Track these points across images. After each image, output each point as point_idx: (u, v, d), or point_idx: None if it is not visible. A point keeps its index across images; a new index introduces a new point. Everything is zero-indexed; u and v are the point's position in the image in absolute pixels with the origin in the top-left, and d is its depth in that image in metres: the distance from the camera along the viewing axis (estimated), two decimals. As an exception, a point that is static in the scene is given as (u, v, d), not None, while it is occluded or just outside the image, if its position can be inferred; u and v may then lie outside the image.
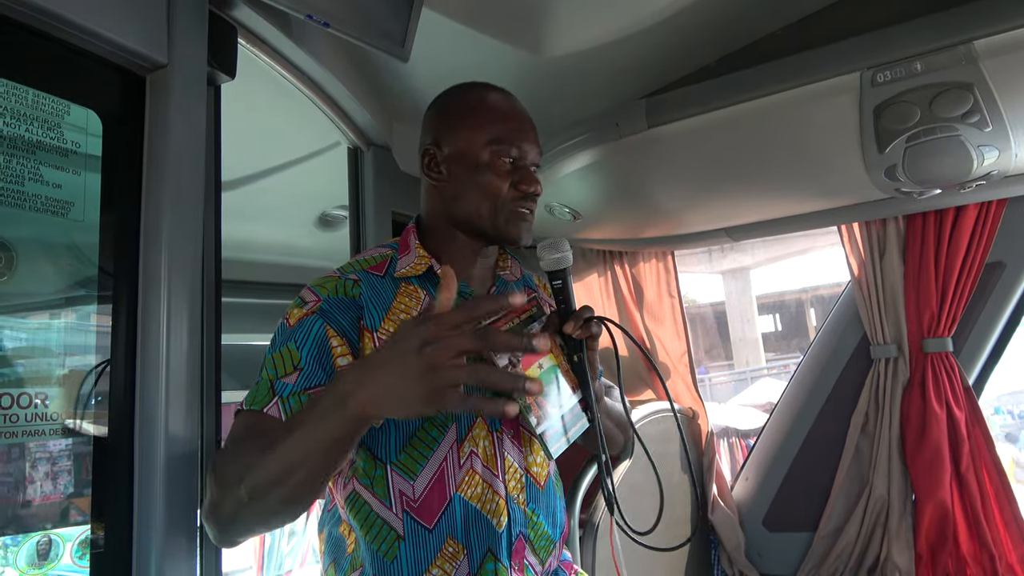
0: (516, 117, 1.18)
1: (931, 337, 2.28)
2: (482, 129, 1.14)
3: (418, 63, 1.58)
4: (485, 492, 1.08)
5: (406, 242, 1.19)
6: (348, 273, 1.13)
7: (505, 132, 1.14)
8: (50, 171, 1.01)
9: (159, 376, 1.08)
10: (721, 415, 7.22)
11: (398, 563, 1.04)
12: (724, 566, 2.63)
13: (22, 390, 0.96)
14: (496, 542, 1.07)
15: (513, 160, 1.14)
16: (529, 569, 1.12)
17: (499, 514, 1.08)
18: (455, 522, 1.06)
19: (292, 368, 1.02)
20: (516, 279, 1.28)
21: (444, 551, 1.05)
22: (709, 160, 1.99)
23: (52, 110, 1.02)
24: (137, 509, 1.06)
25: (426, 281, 1.15)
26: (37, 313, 1.04)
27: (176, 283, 1.10)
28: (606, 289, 2.96)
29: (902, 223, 2.35)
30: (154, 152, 1.13)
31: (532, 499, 1.14)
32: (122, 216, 1.10)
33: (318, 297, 1.08)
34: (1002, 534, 2.17)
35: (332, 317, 1.06)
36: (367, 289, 1.10)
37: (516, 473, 1.12)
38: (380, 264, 1.16)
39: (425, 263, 1.15)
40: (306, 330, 1.04)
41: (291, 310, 1.09)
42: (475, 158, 1.14)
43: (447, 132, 1.17)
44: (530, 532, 1.12)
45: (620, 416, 1.30)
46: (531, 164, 1.17)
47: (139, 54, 1.10)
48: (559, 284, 1.09)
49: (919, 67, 1.56)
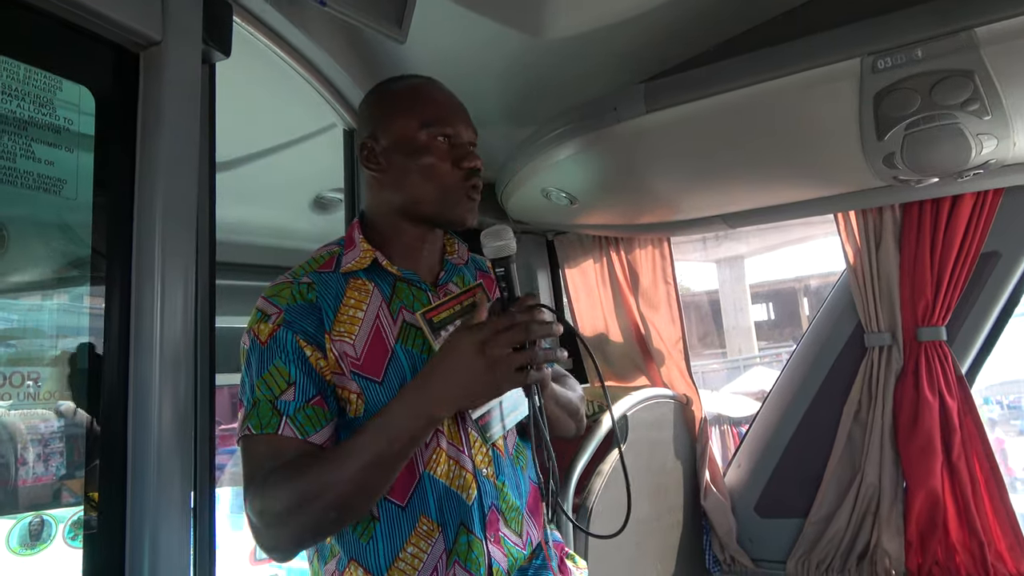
0: (445, 100, 1.21)
1: (925, 326, 2.29)
2: (414, 114, 1.18)
3: (415, 45, 1.56)
4: (453, 468, 1.11)
5: (351, 237, 1.21)
6: (300, 277, 1.14)
7: (436, 113, 1.18)
8: (42, 148, 1.00)
9: (153, 358, 1.07)
10: (713, 403, 7.27)
11: (374, 543, 1.08)
12: (716, 551, 2.65)
13: (14, 369, 0.95)
14: (467, 515, 1.10)
15: (448, 139, 1.18)
16: (506, 540, 1.15)
17: (467, 488, 1.11)
18: (427, 500, 1.09)
19: (285, 384, 1.05)
20: (463, 263, 1.30)
21: (418, 529, 1.08)
22: (707, 146, 1.98)
23: (44, 86, 1.01)
24: (131, 490, 1.05)
25: (373, 273, 1.17)
26: (29, 293, 1.03)
27: (170, 264, 1.10)
28: (602, 275, 2.96)
29: (899, 212, 2.35)
30: (148, 130, 1.12)
31: (500, 471, 1.17)
32: (115, 195, 1.09)
33: (279, 308, 1.10)
34: (992, 522, 2.19)
35: (298, 326, 1.08)
36: (321, 289, 1.13)
37: (482, 447, 1.15)
38: (328, 261, 1.18)
39: (370, 256, 1.16)
40: (282, 345, 1.07)
41: (256, 325, 1.10)
42: (412, 142, 1.17)
43: (381, 123, 1.20)
44: (501, 504, 1.16)
45: (570, 404, 1.32)
46: (468, 143, 1.20)
47: (133, 30, 1.09)
48: (502, 272, 1.09)
49: (920, 54, 1.55)
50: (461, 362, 1.00)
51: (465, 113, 1.22)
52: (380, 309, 1.13)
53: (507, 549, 1.15)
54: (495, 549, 1.12)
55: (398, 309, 1.14)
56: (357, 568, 1.08)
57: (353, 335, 1.10)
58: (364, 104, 1.27)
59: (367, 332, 1.11)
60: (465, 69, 1.82)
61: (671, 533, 2.50)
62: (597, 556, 1.98)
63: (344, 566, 1.09)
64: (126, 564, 1.04)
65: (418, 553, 1.08)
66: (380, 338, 1.11)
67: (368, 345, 1.10)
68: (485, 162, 1.23)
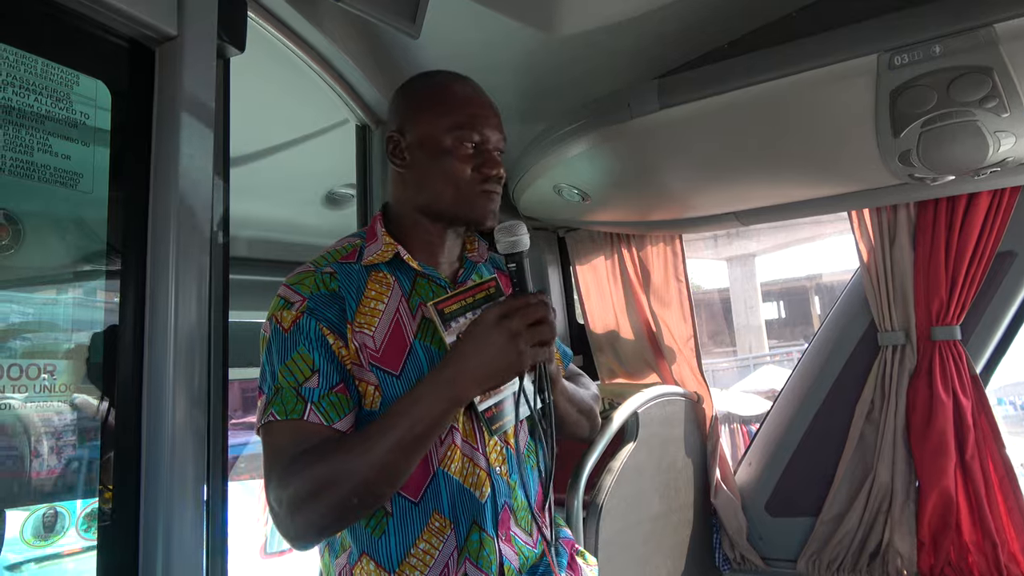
0: (477, 103, 1.19)
1: (939, 325, 2.27)
2: (444, 116, 1.16)
3: (428, 40, 1.56)
4: (467, 465, 1.12)
5: (373, 230, 1.21)
6: (322, 267, 1.14)
7: (466, 118, 1.16)
8: (59, 142, 1.00)
9: (167, 351, 1.08)
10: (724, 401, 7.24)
11: (386, 538, 1.08)
12: (726, 549, 2.64)
13: (31, 361, 0.96)
14: (480, 513, 1.11)
15: (475, 145, 1.16)
16: (517, 539, 1.16)
17: (481, 485, 1.12)
18: (440, 496, 1.09)
19: (310, 372, 1.05)
20: (482, 261, 1.30)
21: (431, 525, 1.09)
22: (721, 142, 1.97)
23: (61, 80, 1.01)
24: (144, 482, 1.06)
25: (394, 267, 1.17)
26: (45, 286, 1.04)
27: (184, 257, 1.10)
28: (613, 272, 2.95)
29: (913, 210, 2.33)
30: (163, 125, 1.12)
31: (512, 469, 1.18)
32: (130, 189, 1.09)
33: (302, 296, 1.10)
34: (1005, 522, 2.17)
35: (321, 314, 1.08)
36: (343, 279, 1.13)
37: (496, 445, 1.16)
38: (351, 253, 1.18)
39: (391, 250, 1.16)
40: (305, 332, 1.07)
41: (278, 312, 1.10)
42: (437, 144, 1.16)
43: (410, 119, 1.19)
44: (513, 502, 1.16)
45: (583, 402, 1.32)
46: (494, 149, 1.19)
47: (148, 25, 1.09)
48: (514, 267, 1.10)
49: (937, 50, 1.53)
50: (485, 338, 1.02)
51: (496, 116, 1.20)
52: (400, 303, 1.14)
53: (518, 548, 1.15)
54: (507, 548, 1.13)
55: (417, 305, 1.15)
56: (369, 562, 1.08)
57: (373, 327, 1.10)
58: (396, 95, 1.25)
59: (387, 325, 1.11)
60: (478, 65, 1.81)
61: (681, 531, 2.50)
62: (607, 553, 1.98)
63: (355, 560, 1.10)
64: (140, 555, 1.04)
65: (430, 549, 1.08)
66: (399, 332, 1.12)
67: (388, 338, 1.11)
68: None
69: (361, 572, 1.09)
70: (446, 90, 1.20)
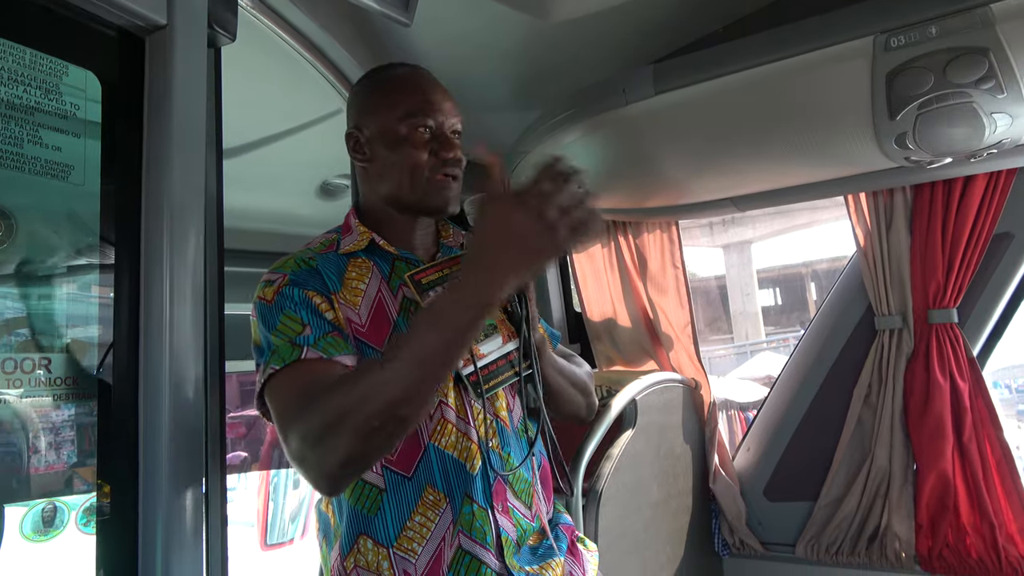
0: (428, 89, 1.21)
1: (936, 308, 2.27)
2: (396, 105, 1.18)
3: (421, 28, 1.55)
4: (460, 440, 1.13)
5: (348, 224, 1.25)
6: (302, 255, 1.17)
7: (418, 104, 1.18)
8: (49, 133, 0.99)
9: (163, 343, 1.07)
10: (720, 388, 7.27)
11: (382, 514, 1.09)
12: (725, 535, 2.65)
13: (26, 355, 0.95)
14: (471, 485, 1.12)
15: (430, 130, 1.17)
16: (515, 511, 1.17)
17: (472, 458, 1.13)
18: (432, 470, 1.11)
19: (300, 327, 1.06)
20: (458, 246, 1.31)
21: (424, 499, 1.10)
22: (717, 127, 1.97)
23: (50, 71, 1.00)
24: (142, 476, 1.05)
25: (372, 253, 1.19)
26: (39, 280, 1.03)
27: (179, 248, 1.09)
28: (609, 259, 2.95)
29: (909, 193, 2.32)
30: (154, 115, 1.11)
31: (505, 443, 1.18)
32: (123, 180, 1.08)
33: (284, 274, 1.12)
34: (1003, 504, 2.18)
35: (304, 282, 1.11)
36: (322, 262, 1.15)
37: (486, 419, 1.16)
38: (329, 246, 1.21)
39: (367, 237, 1.20)
40: (289, 297, 1.09)
41: (261, 291, 1.12)
42: (394, 134, 1.18)
43: (365, 114, 1.22)
44: (509, 475, 1.17)
45: (575, 375, 1.33)
46: (451, 131, 1.20)
47: (138, 14, 1.07)
48: None
49: (934, 31, 1.53)
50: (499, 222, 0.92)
51: (449, 100, 1.21)
52: (381, 284, 1.16)
53: (515, 520, 1.16)
54: (503, 519, 1.14)
55: (398, 286, 1.16)
56: (367, 541, 1.10)
57: (357, 306, 1.12)
58: (351, 94, 1.28)
59: (370, 303, 1.13)
60: (472, 52, 1.81)
61: (680, 517, 2.51)
62: (607, 540, 1.98)
63: (352, 542, 1.11)
64: (139, 549, 1.04)
65: (425, 523, 1.09)
66: (382, 309, 1.13)
67: (372, 315, 1.12)
68: (492, 146, 1.23)
69: (360, 553, 1.10)
70: (397, 80, 1.22)
